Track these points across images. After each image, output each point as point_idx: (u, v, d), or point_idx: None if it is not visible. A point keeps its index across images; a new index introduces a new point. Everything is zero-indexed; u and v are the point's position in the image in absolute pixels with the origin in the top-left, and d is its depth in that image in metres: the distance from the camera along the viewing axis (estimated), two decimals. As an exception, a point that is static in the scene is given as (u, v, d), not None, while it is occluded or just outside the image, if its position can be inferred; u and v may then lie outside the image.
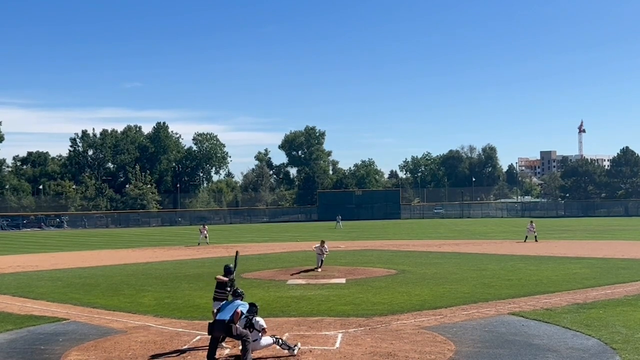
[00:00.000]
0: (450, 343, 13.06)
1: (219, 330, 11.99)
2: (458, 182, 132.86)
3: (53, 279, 26.43)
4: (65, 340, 14.18)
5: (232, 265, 14.47)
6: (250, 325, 12.10)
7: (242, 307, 12.18)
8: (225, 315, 11.96)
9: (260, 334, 12.17)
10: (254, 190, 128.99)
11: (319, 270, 27.45)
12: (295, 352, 12.26)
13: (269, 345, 12.32)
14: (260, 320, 12.30)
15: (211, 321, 12.35)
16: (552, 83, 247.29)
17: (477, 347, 12.77)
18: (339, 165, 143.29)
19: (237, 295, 12.64)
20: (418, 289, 20.81)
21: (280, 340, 12.40)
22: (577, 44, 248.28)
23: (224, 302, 12.89)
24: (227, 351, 12.83)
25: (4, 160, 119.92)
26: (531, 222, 46.37)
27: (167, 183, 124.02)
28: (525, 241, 43.19)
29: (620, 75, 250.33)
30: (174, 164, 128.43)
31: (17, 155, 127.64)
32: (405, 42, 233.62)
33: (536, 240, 43.04)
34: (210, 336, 12.17)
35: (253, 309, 12.38)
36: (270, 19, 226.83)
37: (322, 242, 28.91)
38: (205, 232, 48.30)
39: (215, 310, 12.76)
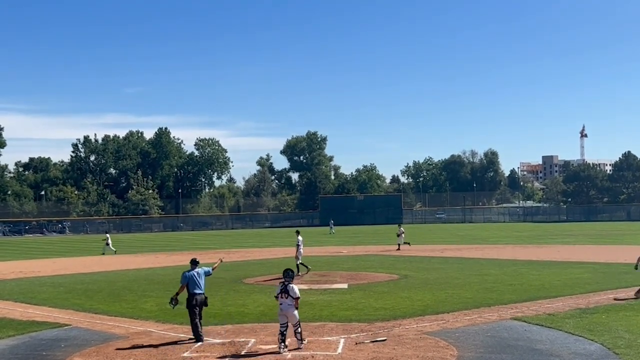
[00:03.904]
0: (453, 348, 13.04)
1: (200, 303, 14.34)
2: (460, 187, 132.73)
3: (55, 285, 26.45)
4: (67, 346, 14.18)
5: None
6: (285, 291, 13.10)
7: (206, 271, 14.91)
8: (203, 289, 14.59)
9: (294, 303, 13.07)
10: (256, 196, 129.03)
11: (300, 275, 26.44)
12: (283, 350, 12.86)
13: (297, 320, 13.11)
14: (295, 287, 13.23)
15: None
16: (554, 87, 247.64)
17: (479, 352, 12.75)
18: (341, 170, 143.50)
19: (290, 277, 13.57)
20: (420, 294, 20.78)
21: (299, 327, 13.21)
22: (579, 47, 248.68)
23: (190, 274, 14.66)
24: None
25: (6, 166, 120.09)
26: (399, 225, 45.48)
27: (169, 188, 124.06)
28: (399, 248, 42.34)
29: (623, 80, 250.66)
30: (175, 170, 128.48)
31: (19, 161, 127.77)
32: (407, 47, 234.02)
33: (398, 248, 42.36)
34: (192, 313, 14.25)
35: (290, 275, 13.48)
36: (272, 23, 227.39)
37: (297, 233, 29.22)
38: (109, 240, 47.10)
39: (188, 285, 14.63)
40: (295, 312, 13.10)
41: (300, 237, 28.75)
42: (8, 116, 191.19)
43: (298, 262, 27.97)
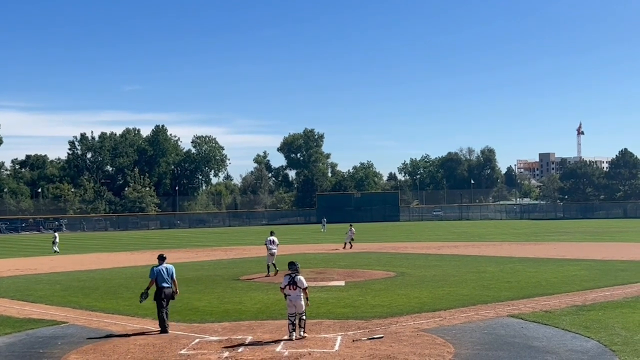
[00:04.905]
0: (450, 345, 13.06)
1: (168, 296, 15.13)
2: (457, 184, 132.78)
3: (52, 282, 26.41)
4: (64, 344, 14.17)
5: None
6: (293, 283, 13.76)
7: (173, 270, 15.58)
8: (170, 283, 15.25)
9: (301, 293, 13.75)
10: (253, 193, 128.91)
11: (271, 275, 25.98)
12: (294, 337, 13.54)
13: (304, 310, 13.78)
14: (303, 279, 13.95)
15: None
16: (551, 85, 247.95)
17: (476, 349, 12.77)
18: (338, 168, 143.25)
19: (295, 269, 14.14)
20: (417, 292, 20.81)
21: (304, 316, 13.80)
22: (576, 46, 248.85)
23: (158, 269, 15.41)
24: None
25: (3, 163, 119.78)
26: (350, 226, 44.57)
27: (166, 186, 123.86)
28: (344, 247, 42.12)
29: (619, 77, 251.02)
30: (172, 167, 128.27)
31: (16, 159, 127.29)
32: (404, 45, 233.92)
33: (350, 246, 41.97)
34: (159, 303, 15.05)
35: (295, 267, 14.07)
36: (270, 22, 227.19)
37: (271, 234, 27.89)
38: (56, 239, 46.97)
39: (156, 279, 15.31)
40: (303, 302, 13.77)
41: (273, 237, 28.26)
42: (5, 113, 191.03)
43: (269, 262, 27.58)
